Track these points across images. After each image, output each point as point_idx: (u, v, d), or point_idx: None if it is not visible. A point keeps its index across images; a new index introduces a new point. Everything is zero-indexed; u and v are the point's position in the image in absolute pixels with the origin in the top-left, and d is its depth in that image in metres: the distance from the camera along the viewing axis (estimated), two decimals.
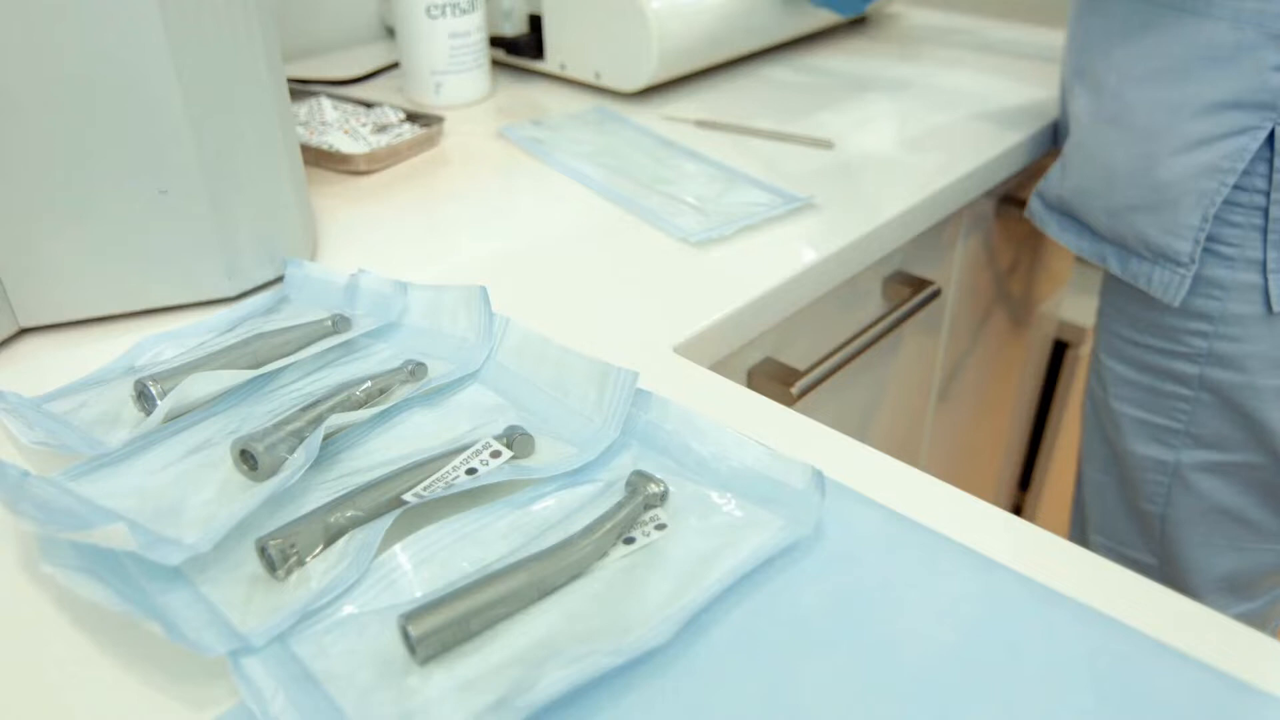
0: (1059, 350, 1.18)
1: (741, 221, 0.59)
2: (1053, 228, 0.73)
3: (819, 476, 0.35)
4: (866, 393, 0.76)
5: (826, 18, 0.97)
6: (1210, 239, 0.62)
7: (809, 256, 0.57)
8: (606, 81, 0.81)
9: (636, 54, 0.77)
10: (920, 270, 0.76)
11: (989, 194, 0.81)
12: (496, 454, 0.38)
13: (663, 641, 0.30)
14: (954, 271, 0.83)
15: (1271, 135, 0.58)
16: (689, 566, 0.33)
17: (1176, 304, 0.64)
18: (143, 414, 0.42)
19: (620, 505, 0.35)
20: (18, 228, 0.46)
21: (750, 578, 0.33)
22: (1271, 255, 0.61)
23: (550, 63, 0.84)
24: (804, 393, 0.60)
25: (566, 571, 0.33)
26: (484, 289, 0.46)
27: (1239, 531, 0.72)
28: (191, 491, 0.37)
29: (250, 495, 0.36)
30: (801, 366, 0.62)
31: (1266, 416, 0.66)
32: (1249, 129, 0.58)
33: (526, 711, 0.27)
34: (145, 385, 0.42)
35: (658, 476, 0.37)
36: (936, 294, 0.72)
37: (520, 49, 0.85)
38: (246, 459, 0.38)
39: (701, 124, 0.76)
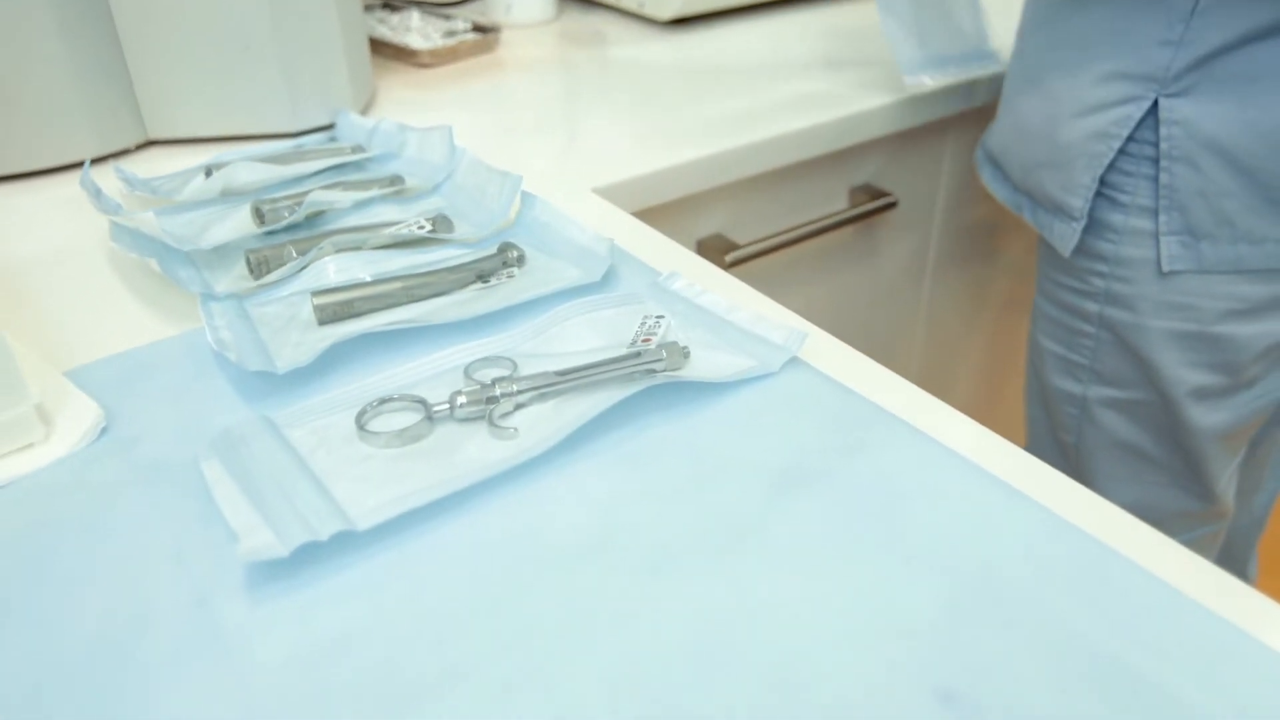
0: None
1: None
2: (986, 175, 0.79)
3: (612, 246, 0.49)
4: (827, 290, 0.87)
5: None
6: (1106, 185, 0.67)
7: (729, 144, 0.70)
8: (648, 11, 0.95)
9: None
10: (892, 188, 0.86)
11: (965, 129, 0.90)
12: (421, 227, 0.54)
13: (458, 320, 0.45)
14: (939, 197, 0.92)
15: (1155, 105, 0.63)
16: (512, 294, 0.48)
17: (1068, 254, 0.70)
18: None
19: (484, 257, 0.51)
20: (150, 70, 0.66)
21: (550, 303, 0.48)
22: (1163, 219, 0.65)
23: None
24: (736, 263, 0.73)
25: (430, 288, 0.49)
26: (450, 128, 0.62)
27: (1140, 466, 0.75)
28: (216, 226, 0.55)
29: (250, 230, 0.53)
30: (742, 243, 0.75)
31: (1155, 357, 0.69)
32: (1134, 98, 0.64)
33: (354, 334, 0.43)
34: (210, 169, 0.60)
35: (521, 246, 0.52)
36: (891, 205, 0.82)
37: None
38: (257, 212, 0.56)
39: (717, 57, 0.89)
